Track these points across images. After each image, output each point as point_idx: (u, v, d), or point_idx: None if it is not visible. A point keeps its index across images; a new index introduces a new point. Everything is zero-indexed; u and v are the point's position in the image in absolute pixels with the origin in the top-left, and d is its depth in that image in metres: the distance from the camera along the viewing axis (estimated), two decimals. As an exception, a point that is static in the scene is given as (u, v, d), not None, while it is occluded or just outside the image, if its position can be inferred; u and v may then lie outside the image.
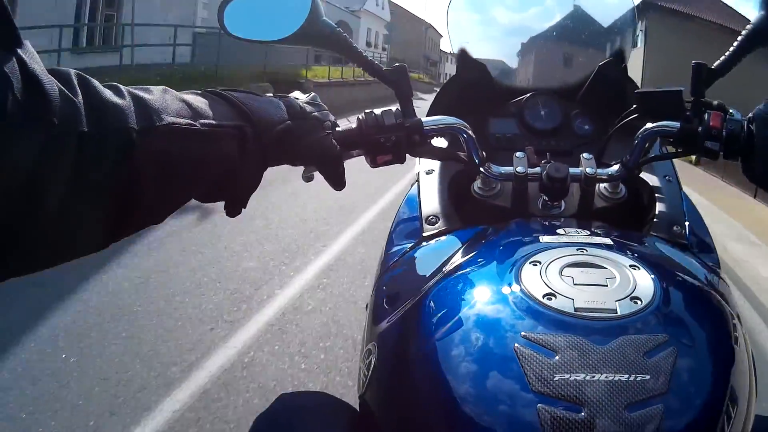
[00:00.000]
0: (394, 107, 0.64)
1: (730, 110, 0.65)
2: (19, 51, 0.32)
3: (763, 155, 0.61)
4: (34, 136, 0.32)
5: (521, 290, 0.46)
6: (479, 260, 0.56)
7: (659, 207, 0.80)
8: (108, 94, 0.39)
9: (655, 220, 0.77)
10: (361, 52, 0.65)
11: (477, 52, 0.99)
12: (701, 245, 0.76)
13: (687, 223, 0.77)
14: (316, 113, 0.57)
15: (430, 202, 0.81)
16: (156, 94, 0.43)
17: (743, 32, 0.66)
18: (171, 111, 0.43)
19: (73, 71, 0.37)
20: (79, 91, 0.36)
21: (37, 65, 0.33)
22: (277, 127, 0.52)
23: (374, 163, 0.64)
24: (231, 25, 0.65)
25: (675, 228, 0.75)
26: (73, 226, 0.37)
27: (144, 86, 0.44)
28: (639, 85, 0.94)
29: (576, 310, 0.43)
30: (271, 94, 0.58)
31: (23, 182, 0.32)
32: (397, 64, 0.65)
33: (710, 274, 0.67)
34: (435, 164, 0.88)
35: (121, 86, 0.41)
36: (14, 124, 0.31)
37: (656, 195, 0.82)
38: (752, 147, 0.62)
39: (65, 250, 0.38)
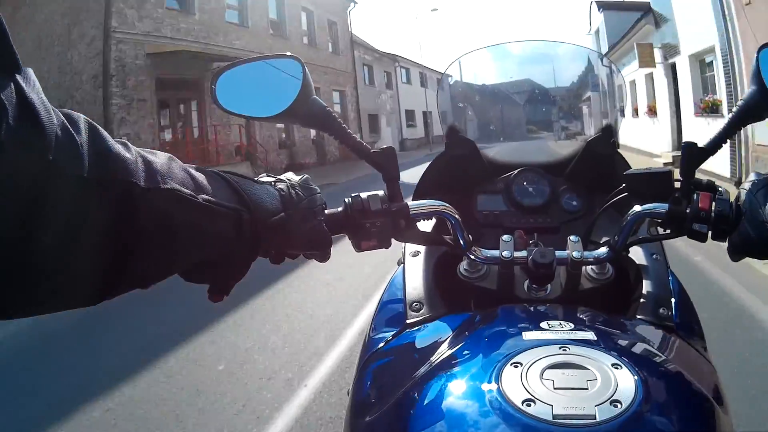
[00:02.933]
0: (380, 191, 0.64)
1: (720, 189, 0.65)
2: (18, 77, 0.31)
3: (744, 229, 0.60)
4: (27, 167, 0.31)
5: (501, 396, 0.45)
6: (461, 358, 0.55)
7: (646, 287, 0.79)
8: (116, 146, 0.39)
9: (642, 300, 0.77)
10: (350, 133, 0.66)
11: (465, 129, 1.02)
12: (687, 326, 0.75)
13: (673, 304, 0.76)
14: (307, 201, 0.57)
15: (415, 287, 0.80)
16: (162, 159, 0.43)
17: (734, 109, 0.66)
18: (175, 178, 0.43)
19: (83, 117, 0.37)
20: (85, 135, 0.36)
21: (35, 94, 0.32)
22: (272, 218, 0.52)
23: (359, 248, 0.63)
24: (223, 97, 0.65)
25: (661, 310, 0.75)
26: (66, 272, 0.35)
27: (151, 150, 0.44)
28: None
29: (554, 417, 0.42)
30: (265, 175, 0.59)
31: (12, 215, 0.30)
32: (384, 147, 0.65)
33: (695, 359, 0.66)
34: (421, 246, 0.88)
35: (129, 143, 0.41)
36: (5, 152, 0.29)
37: (643, 275, 0.82)
38: (738, 226, 0.61)
39: (55, 297, 0.37)
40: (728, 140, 0.67)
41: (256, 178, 0.57)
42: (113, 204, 0.37)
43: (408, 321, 0.74)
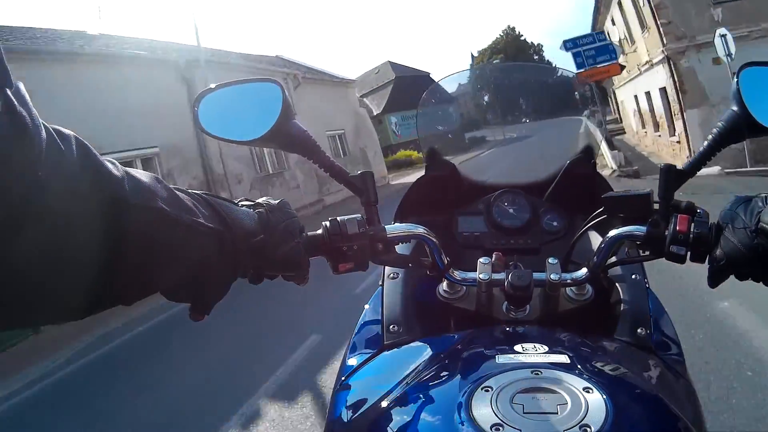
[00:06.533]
0: (359, 215, 0.65)
1: (698, 211, 0.65)
2: (8, 92, 0.32)
3: (727, 243, 0.59)
4: (14, 181, 0.31)
5: (470, 421, 0.45)
6: (434, 381, 0.55)
7: (625, 308, 0.79)
8: (105, 162, 0.39)
9: (620, 322, 0.77)
10: (329, 158, 0.67)
11: (446, 152, 1.03)
12: (665, 345, 0.75)
13: (652, 324, 0.77)
14: (284, 224, 0.58)
15: (393, 309, 0.80)
16: (148, 178, 0.44)
17: (714, 130, 0.66)
18: (161, 197, 0.44)
19: (74, 134, 0.38)
20: (74, 151, 0.36)
21: (26, 109, 0.33)
22: (251, 240, 0.54)
23: (336, 271, 0.64)
24: (205, 121, 0.66)
25: (639, 330, 0.75)
26: (51, 286, 0.35)
27: (136, 169, 0.44)
28: None
29: None
30: (244, 199, 0.60)
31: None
32: (362, 171, 0.66)
33: (672, 380, 0.66)
34: (400, 269, 0.88)
35: (117, 162, 0.41)
36: None
37: (622, 295, 0.82)
38: (717, 245, 0.60)
39: (39, 311, 0.37)
40: (707, 162, 0.67)
41: (236, 201, 0.58)
42: (99, 219, 0.37)
43: (385, 343, 0.74)
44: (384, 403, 0.55)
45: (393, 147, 26.77)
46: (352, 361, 0.74)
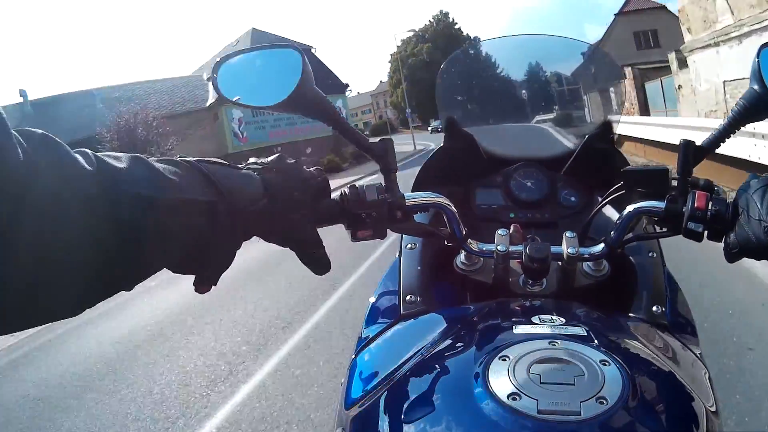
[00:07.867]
0: (378, 182, 0.64)
1: (716, 188, 0.65)
2: None
3: (741, 229, 0.60)
4: None
5: (487, 389, 0.45)
6: (451, 350, 0.55)
7: (641, 285, 0.79)
8: (75, 159, 0.38)
9: (636, 299, 0.77)
10: (348, 124, 0.66)
11: (465, 123, 1.02)
12: (681, 325, 0.76)
13: (668, 303, 0.77)
14: (292, 190, 0.56)
15: (410, 280, 0.81)
16: (125, 162, 0.42)
17: (734, 108, 0.65)
18: (137, 180, 0.42)
19: (42, 133, 0.37)
20: (45, 154, 0.36)
21: None
22: (252, 206, 0.51)
23: (354, 238, 0.64)
24: (224, 87, 0.65)
25: (655, 308, 0.75)
26: (39, 290, 0.35)
27: (115, 154, 0.43)
28: None
29: (539, 412, 0.42)
30: (254, 160, 0.58)
31: None
32: (382, 138, 0.66)
33: (687, 359, 0.66)
34: (418, 239, 0.88)
35: (90, 152, 0.40)
36: None
37: (638, 272, 0.82)
38: (734, 226, 0.61)
39: (33, 314, 0.37)
40: (726, 140, 0.67)
41: (241, 164, 0.56)
42: (72, 217, 0.36)
43: (402, 313, 0.75)
44: (400, 373, 0.55)
45: (232, 157, 14.91)
46: (369, 331, 0.74)
